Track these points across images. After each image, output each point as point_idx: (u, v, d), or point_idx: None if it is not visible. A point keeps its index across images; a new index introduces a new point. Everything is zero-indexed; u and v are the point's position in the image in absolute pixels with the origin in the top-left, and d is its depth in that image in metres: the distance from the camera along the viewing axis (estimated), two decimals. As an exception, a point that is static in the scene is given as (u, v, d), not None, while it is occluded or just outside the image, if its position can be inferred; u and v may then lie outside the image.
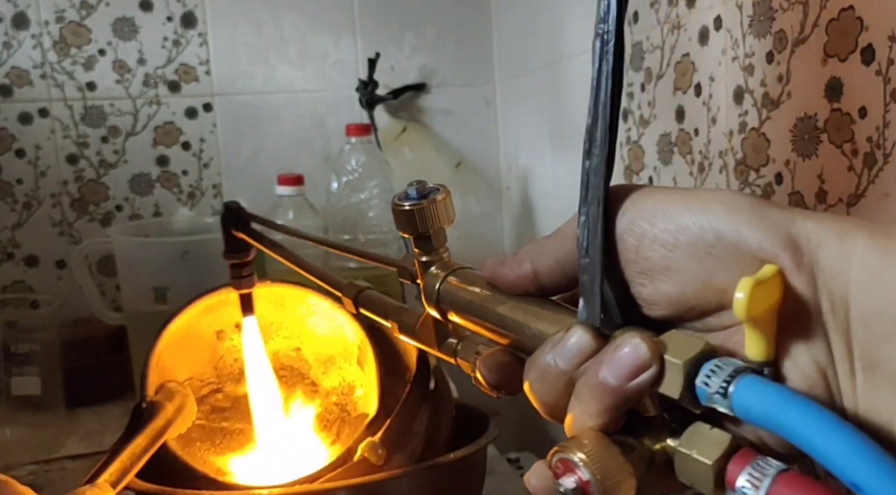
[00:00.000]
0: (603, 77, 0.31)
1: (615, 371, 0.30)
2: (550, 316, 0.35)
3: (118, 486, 0.55)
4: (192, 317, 0.70)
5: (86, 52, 1.20)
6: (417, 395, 0.63)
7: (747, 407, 0.27)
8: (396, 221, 0.42)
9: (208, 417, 0.71)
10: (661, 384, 0.30)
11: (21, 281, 1.21)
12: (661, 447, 0.31)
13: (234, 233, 0.66)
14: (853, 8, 0.57)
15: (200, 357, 0.72)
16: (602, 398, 0.30)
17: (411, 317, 0.47)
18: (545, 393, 0.33)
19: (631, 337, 0.30)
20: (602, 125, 0.32)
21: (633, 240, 0.32)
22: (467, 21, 1.34)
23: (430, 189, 0.42)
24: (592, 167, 0.32)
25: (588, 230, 0.32)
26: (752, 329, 0.29)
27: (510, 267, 0.37)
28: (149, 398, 0.64)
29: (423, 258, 0.42)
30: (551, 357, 0.32)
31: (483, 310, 0.38)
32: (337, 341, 0.73)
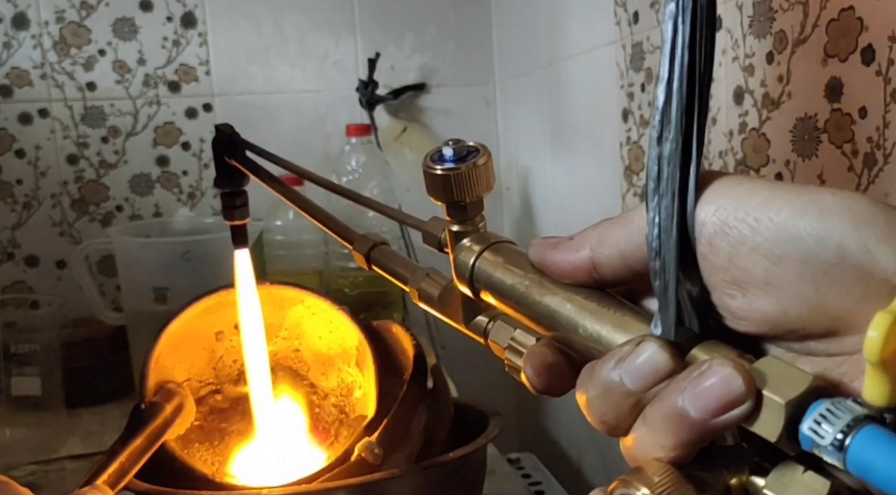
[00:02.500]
0: (678, 47, 0.27)
1: (700, 403, 0.25)
2: (611, 316, 0.30)
3: (117, 487, 0.55)
4: (192, 318, 0.69)
5: (86, 53, 1.20)
6: (414, 394, 0.63)
7: (868, 465, 0.23)
8: (428, 186, 0.36)
9: (207, 418, 0.71)
10: (755, 423, 0.25)
11: (21, 281, 1.21)
12: (739, 483, 0.27)
13: (226, 161, 0.61)
14: (853, 8, 0.57)
15: (199, 358, 0.72)
16: (679, 431, 0.26)
17: (433, 286, 0.42)
18: (608, 412, 0.28)
19: (720, 364, 0.25)
20: (677, 105, 0.27)
21: (726, 245, 0.27)
22: (467, 21, 1.34)
23: (469, 149, 0.36)
24: (665, 155, 0.27)
25: (660, 229, 0.27)
26: (876, 369, 0.24)
27: (565, 252, 0.32)
28: (148, 399, 0.64)
29: (454, 227, 0.37)
30: (617, 373, 0.27)
31: (527, 298, 0.33)
32: (336, 342, 0.73)
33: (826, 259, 0.25)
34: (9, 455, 0.91)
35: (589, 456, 1.13)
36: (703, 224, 0.27)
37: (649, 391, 0.27)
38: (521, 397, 1.38)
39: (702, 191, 0.28)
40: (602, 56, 0.97)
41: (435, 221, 0.41)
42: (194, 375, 0.71)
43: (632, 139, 0.92)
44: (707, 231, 0.27)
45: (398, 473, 0.58)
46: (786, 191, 0.26)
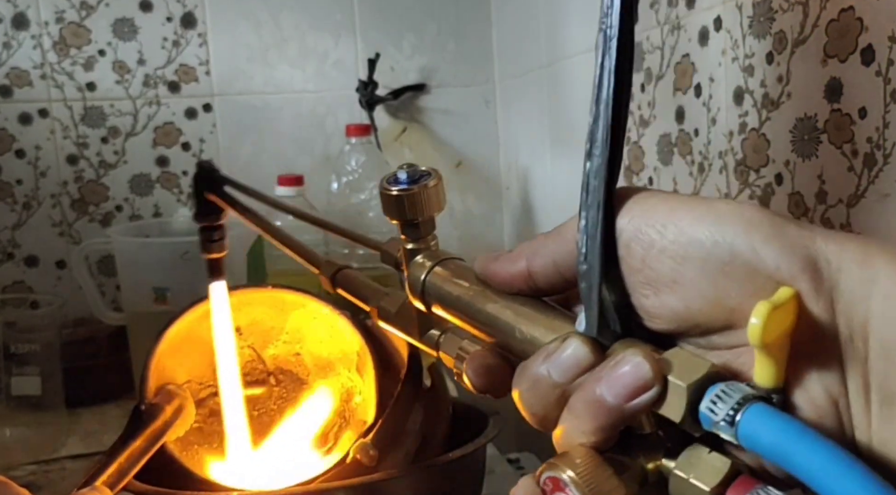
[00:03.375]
0: (605, 73, 0.30)
1: (614, 389, 0.28)
2: (544, 320, 0.33)
3: (116, 488, 0.55)
4: (192, 321, 0.69)
5: (86, 53, 1.20)
6: (410, 394, 0.63)
7: (754, 438, 0.26)
8: (384, 205, 0.39)
9: (206, 420, 0.71)
10: (663, 405, 0.28)
11: (21, 281, 1.21)
12: (655, 466, 0.29)
13: (206, 196, 0.63)
14: (853, 8, 0.57)
15: (200, 360, 0.72)
16: (597, 416, 0.29)
17: (392, 303, 0.44)
18: (536, 404, 0.31)
19: (633, 354, 0.29)
20: (604, 125, 0.30)
21: (640, 248, 0.30)
22: (467, 21, 1.34)
23: (422, 173, 0.39)
24: (593, 169, 0.31)
25: (587, 235, 0.31)
26: (763, 354, 0.27)
27: (503, 264, 0.35)
28: (148, 400, 0.64)
29: (409, 245, 0.40)
30: (545, 367, 0.31)
31: (471, 307, 0.36)
32: (336, 347, 0.73)
33: (721, 258, 0.28)
34: (9, 455, 0.91)
35: (589, 456, 1.13)
36: (621, 231, 0.31)
37: (573, 382, 0.30)
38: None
39: (622, 204, 0.31)
40: (602, 56, 0.97)
41: (394, 242, 0.43)
42: (195, 377, 0.71)
43: (631, 139, 0.92)
44: (624, 237, 0.30)
45: (397, 473, 0.58)
46: (689, 202, 0.30)
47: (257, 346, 0.74)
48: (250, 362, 0.74)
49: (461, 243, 1.35)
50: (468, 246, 1.34)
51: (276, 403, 0.75)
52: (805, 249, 0.28)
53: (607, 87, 0.30)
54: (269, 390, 0.75)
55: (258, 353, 0.74)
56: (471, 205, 1.35)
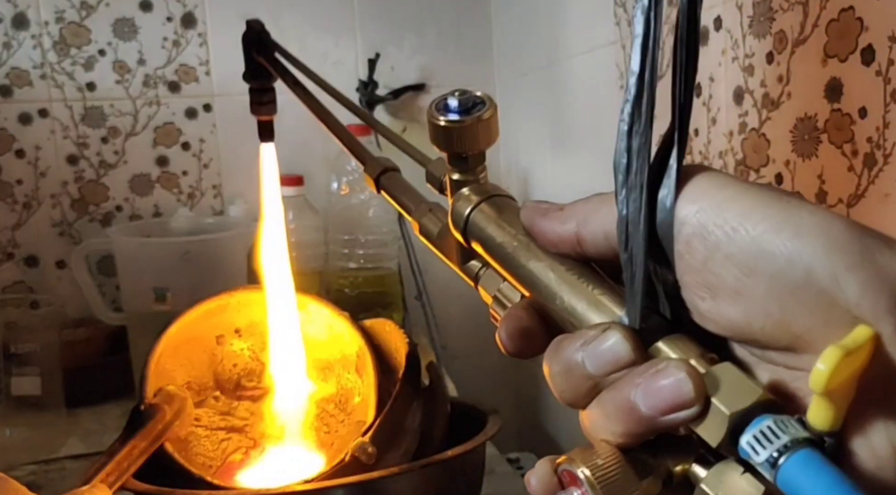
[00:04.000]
0: (650, 42, 0.27)
1: (650, 400, 0.26)
2: (588, 292, 0.30)
3: (114, 487, 0.54)
4: (193, 321, 0.69)
5: (86, 53, 1.20)
6: (408, 393, 0.63)
7: (795, 488, 0.23)
8: (431, 133, 0.36)
9: (206, 422, 0.71)
10: (700, 425, 0.26)
11: (21, 281, 1.21)
12: (682, 470, 0.28)
13: (255, 57, 0.61)
14: (853, 8, 0.57)
15: (199, 361, 0.72)
16: (627, 421, 0.27)
17: (434, 222, 0.41)
18: (566, 389, 0.29)
19: (677, 367, 0.26)
20: (648, 99, 0.27)
21: (703, 248, 0.27)
22: (467, 21, 1.34)
23: (475, 101, 0.35)
24: (635, 148, 0.28)
25: (629, 222, 0.28)
26: (822, 398, 0.24)
27: (552, 222, 0.31)
28: (147, 401, 0.64)
29: (455, 176, 0.37)
30: (581, 355, 0.28)
31: (513, 260, 0.33)
32: (336, 348, 0.73)
33: (794, 279, 0.25)
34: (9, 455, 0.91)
35: (589, 456, 1.13)
36: (683, 223, 0.27)
37: (608, 377, 0.28)
38: (521, 396, 1.38)
39: (685, 185, 0.28)
40: (602, 56, 0.97)
41: (439, 162, 0.40)
42: (194, 378, 0.71)
43: (632, 139, 0.92)
44: (686, 231, 0.27)
45: (397, 471, 0.58)
46: (766, 204, 0.27)
47: (256, 348, 0.74)
48: (249, 364, 0.74)
49: (461, 243, 1.35)
50: (468, 246, 1.34)
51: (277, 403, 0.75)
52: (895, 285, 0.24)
53: (650, 57, 0.27)
54: (270, 391, 0.75)
55: (257, 355, 0.74)
56: (471, 206, 1.34)
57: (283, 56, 0.59)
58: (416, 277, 1.21)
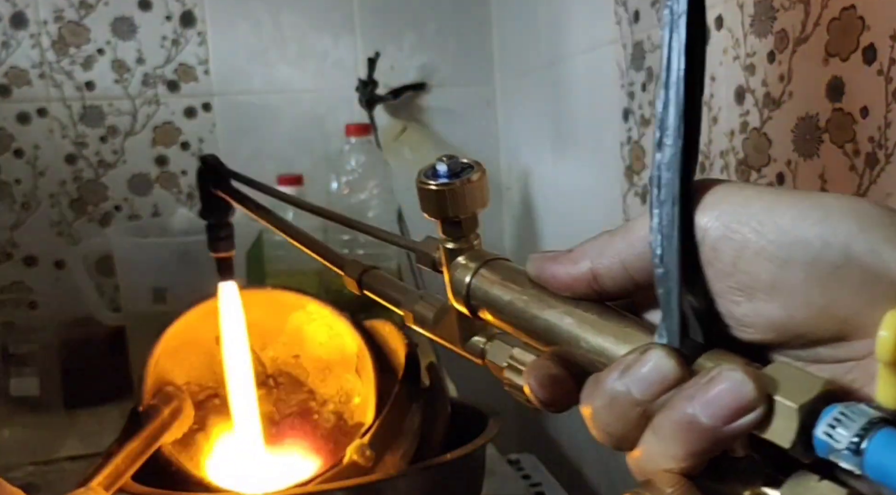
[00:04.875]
0: (675, 54, 0.27)
1: (710, 410, 0.25)
2: (613, 328, 0.30)
3: (111, 489, 0.54)
4: (192, 322, 0.69)
5: (84, 52, 1.20)
6: (407, 394, 0.63)
7: (887, 469, 0.22)
8: (421, 202, 0.36)
9: (205, 423, 0.71)
10: (768, 429, 0.24)
11: (19, 281, 1.21)
12: (752, 494, 0.26)
13: (211, 191, 0.60)
14: (854, 7, 0.57)
15: (199, 361, 0.71)
16: (690, 439, 0.25)
17: (428, 308, 0.41)
18: (613, 423, 0.27)
19: (730, 369, 0.25)
20: (675, 110, 0.27)
21: (730, 249, 0.26)
22: (467, 21, 1.33)
23: (464, 165, 0.35)
24: (665, 160, 0.27)
25: (662, 235, 0.27)
26: (890, 370, 0.23)
27: (564, 265, 0.31)
28: (146, 402, 0.64)
29: (449, 245, 0.36)
30: (623, 383, 0.27)
31: (526, 313, 0.32)
32: (336, 349, 0.73)
33: (832, 261, 0.25)
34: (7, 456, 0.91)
35: (589, 456, 1.13)
36: (705, 230, 0.27)
37: (657, 400, 0.26)
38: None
39: (700, 198, 0.28)
40: (603, 55, 0.97)
41: (429, 241, 0.40)
42: (193, 379, 0.71)
43: (632, 138, 0.92)
44: (710, 236, 0.27)
45: (395, 474, 0.58)
46: (789, 196, 0.26)
47: (256, 348, 0.73)
48: None
49: (461, 243, 1.35)
50: (468, 246, 1.34)
51: (276, 405, 0.75)
52: None
53: (677, 69, 0.27)
54: (269, 392, 0.75)
55: (257, 355, 0.74)
56: (471, 205, 1.34)
57: (240, 181, 0.59)
58: (416, 277, 1.21)
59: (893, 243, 0.24)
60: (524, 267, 0.34)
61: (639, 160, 0.90)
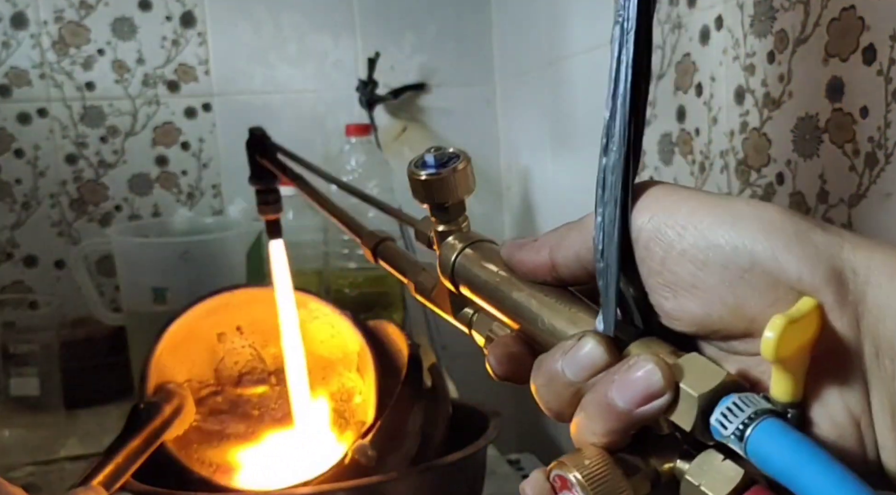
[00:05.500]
0: (622, 67, 0.29)
1: (625, 394, 0.28)
2: (566, 311, 0.33)
3: (112, 488, 0.54)
4: (193, 319, 0.69)
5: (85, 52, 1.20)
6: (409, 395, 0.63)
7: (763, 456, 0.25)
8: (412, 190, 0.39)
9: (206, 419, 0.71)
10: (674, 413, 0.27)
11: (20, 281, 1.21)
12: (668, 468, 0.29)
13: (258, 160, 0.66)
14: (854, 7, 0.57)
15: (200, 358, 0.71)
16: (608, 419, 0.28)
17: (429, 279, 0.45)
18: (551, 400, 0.31)
19: (645, 360, 0.28)
20: (620, 120, 0.29)
21: (659, 250, 0.29)
22: (467, 21, 1.33)
23: (450, 156, 0.39)
24: (609, 165, 0.30)
25: (604, 233, 0.30)
26: (779, 368, 0.26)
27: (528, 253, 0.34)
28: (147, 399, 0.64)
29: (440, 227, 0.40)
30: (560, 365, 0.30)
31: (497, 293, 0.36)
32: (337, 347, 0.73)
33: (741, 265, 0.27)
34: (8, 455, 0.91)
35: (589, 456, 1.13)
36: (640, 230, 0.29)
37: (588, 382, 0.30)
38: (521, 397, 1.38)
39: (638, 199, 0.30)
40: (602, 55, 0.97)
41: (427, 221, 0.43)
42: (195, 376, 0.71)
43: (632, 139, 0.92)
44: (644, 236, 0.29)
45: (396, 475, 0.58)
46: (711, 203, 0.29)
47: (258, 345, 0.73)
48: (251, 361, 0.74)
49: (461, 243, 1.35)
50: (468, 246, 1.34)
51: (277, 403, 0.75)
52: (831, 258, 0.27)
53: (624, 82, 0.29)
54: (271, 389, 0.75)
55: (259, 352, 0.74)
56: (471, 205, 1.33)
57: (283, 154, 0.66)
58: (416, 277, 1.21)
59: (793, 250, 0.27)
60: None
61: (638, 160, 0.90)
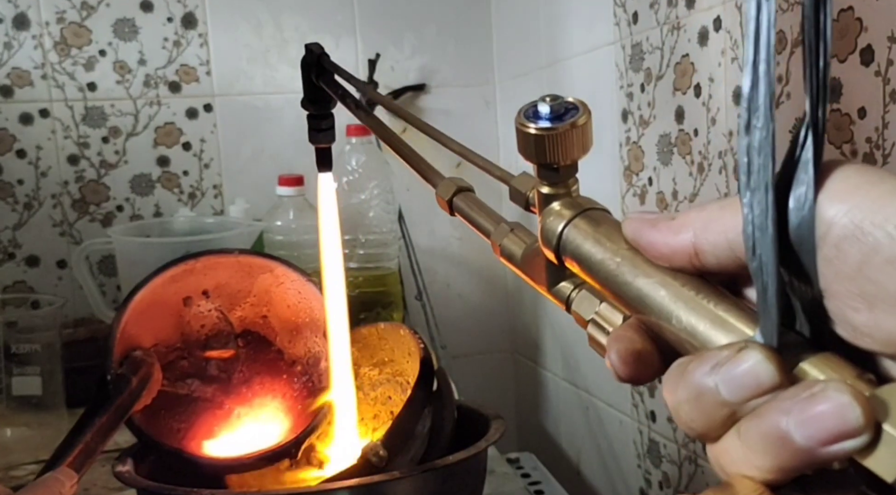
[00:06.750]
0: (763, 29, 0.24)
1: (807, 430, 0.22)
2: (710, 311, 0.27)
3: (83, 469, 0.52)
4: (159, 286, 0.69)
5: (86, 53, 1.21)
6: (420, 398, 0.63)
7: None
8: (519, 143, 0.33)
9: (174, 383, 0.71)
10: (869, 457, 0.22)
11: (22, 281, 1.21)
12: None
13: (313, 82, 0.60)
14: (852, 9, 0.57)
15: (167, 323, 0.71)
16: (779, 454, 0.23)
17: (516, 243, 0.39)
18: (697, 419, 0.25)
19: (837, 389, 0.22)
20: (765, 90, 0.24)
21: (857, 252, 0.23)
22: (467, 21, 1.34)
23: (568, 106, 0.33)
24: (755, 144, 0.25)
25: (754, 225, 0.25)
26: None
27: (664, 233, 0.28)
28: (114, 370, 0.64)
29: (544, 189, 0.34)
30: (713, 380, 0.24)
31: (617, 277, 0.30)
32: (304, 312, 0.73)
33: None
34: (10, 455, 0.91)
35: (587, 455, 1.13)
36: (830, 225, 0.24)
37: (747, 404, 0.24)
38: (521, 397, 1.38)
39: (826, 182, 0.24)
40: (602, 56, 0.97)
41: (524, 177, 0.38)
42: (161, 340, 0.71)
43: (631, 139, 0.92)
44: (835, 233, 0.24)
45: (398, 475, 0.58)
46: None
47: (224, 309, 0.74)
48: (217, 324, 0.74)
49: (461, 244, 1.35)
50: (469, 247, 1.34)
51: (245, 365, 0.75)
52: None
53: (766, 46, 0.24)
54: (237, 352, 0.75)
55: (225, 315, 0.74)
56: (471, 206, 1.34)
57: (343, 77, 0.58)
58: (416, 277, 1.21)
59: None
60: None
61: (637, 160, 0.91)
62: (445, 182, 0.46)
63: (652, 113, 0.87)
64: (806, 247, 0.25)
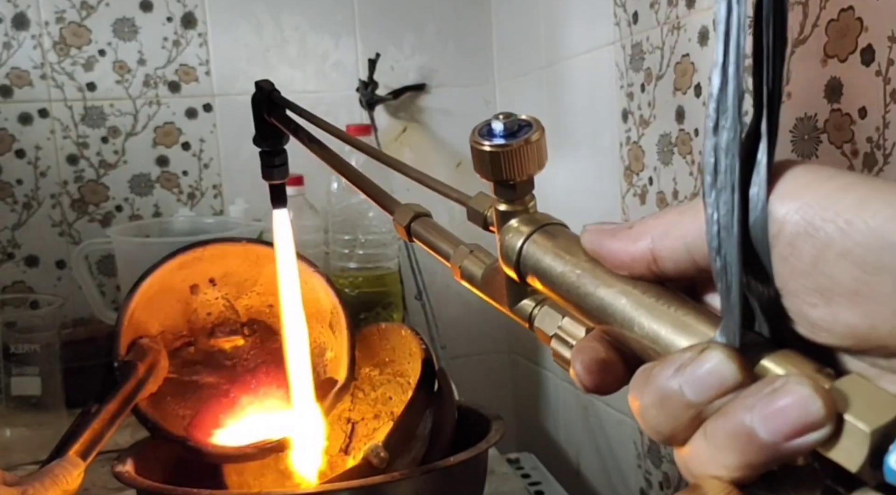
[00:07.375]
0: (732, 29, 0.25)
1: (771, 424, 0.22)
2: (671, 315, 0.27)
3: (90, 456, 0.51)
4: (166, 274, 0.69)
5: (86, 53, 1.20)
6: (422, 400, 0.63)
7: None
8: (475, 162, 0.33)
9: (180, 371, 0.71)
10: (833, 449, 0.22)
11: (21, 281, 1.21)
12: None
13: (265, 119, 0.60)
14: (853, 8, 0.57)
15: (173, 310, 0.71)
16: (745, 451, 0.23)
17: (476, 264, 0.39)
18: (663, 423, 0.25)
19: (798, 382, 0.22)
20: (733, 91, 0.25)
21: (811, 248, 0.24)
22: (467, 21, 1.34)
23: (521, 123, 0.32)
24: (722, 145, 0.25)
25: (719, 225, 0.25)
26: None
27: (622, 241, 0.29)
28: (121, 357, 0.64)
29: (502, 207, 0.34)
30: (678, 382, 0.25)
31: (578, 289, 0.30)
32: (309, 302, 0.73)
33: None
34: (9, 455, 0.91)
35: (587, 455, 1.13)
36: (783, 223, 0.24)
37: (712, 404, 0.24)
38: (520, 397, 1.38)
39: (778, 182, 0.25)
40: (602, 56, 0.97)
41: (481, 197, 0.38)
42: (168, 327, 0.71)
43: (631, 139, 0.92)
44: (788, 231, 0.24)
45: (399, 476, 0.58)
46: (885, 191, 0.23)
47: (231, 297, 0.74)
48: (224, 312, 0.74)
49: (461, 243, 1.35)
50: (468, 246, 1.34)
51: (250, 354, 0.75)
52: None
53: (735, 47, 0.25)
54: (244, 340, 0.75)
55: (231, 303, 0.74)
56: (471, 206, 1.34)
57: (295, 111, 0.58)
58: (416, 277, 1.21)
59: None
60: None
61: (638, 160, 0.91)
62: (402, 208, 0.46)
63: (652, 113, 0.87)
64: (761, 247, 0.25)
